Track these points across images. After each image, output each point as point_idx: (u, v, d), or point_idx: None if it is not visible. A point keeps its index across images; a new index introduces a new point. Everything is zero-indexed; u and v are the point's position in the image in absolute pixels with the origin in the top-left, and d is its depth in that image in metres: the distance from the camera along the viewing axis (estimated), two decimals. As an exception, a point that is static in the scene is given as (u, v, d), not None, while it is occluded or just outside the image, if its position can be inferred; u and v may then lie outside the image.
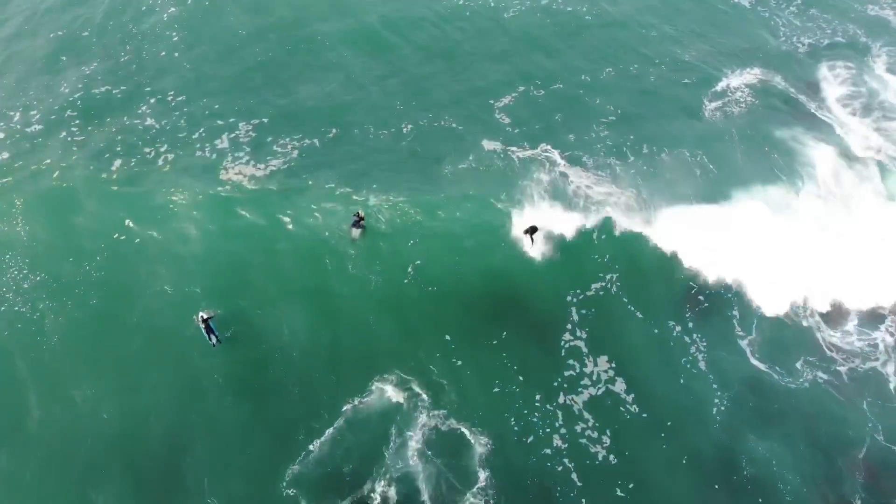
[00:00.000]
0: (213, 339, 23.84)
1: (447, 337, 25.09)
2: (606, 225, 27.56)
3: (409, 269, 26.48)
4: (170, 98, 33.39)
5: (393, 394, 23.44)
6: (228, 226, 27.47)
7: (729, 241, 27.23)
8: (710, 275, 26.65)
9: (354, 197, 28.62)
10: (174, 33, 37.00)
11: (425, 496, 21.57)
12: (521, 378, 24.22)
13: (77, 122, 31.94)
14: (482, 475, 22.01)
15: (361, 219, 26.96)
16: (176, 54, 35.79)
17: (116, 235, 26.95)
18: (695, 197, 29.51)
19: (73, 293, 25.45)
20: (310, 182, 29.21)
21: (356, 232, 27.02)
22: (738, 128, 33.40)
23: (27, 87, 34.23)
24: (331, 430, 22.70)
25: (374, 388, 23.59)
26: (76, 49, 36.30)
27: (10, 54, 36.46)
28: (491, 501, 21.51)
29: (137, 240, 26.85)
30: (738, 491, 22.24)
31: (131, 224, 27.26)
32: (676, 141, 32.41)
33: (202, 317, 23.75)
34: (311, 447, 22.43)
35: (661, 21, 39.72)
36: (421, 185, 29.60)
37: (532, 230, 26.68)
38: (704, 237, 27.30)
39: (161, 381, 23.64)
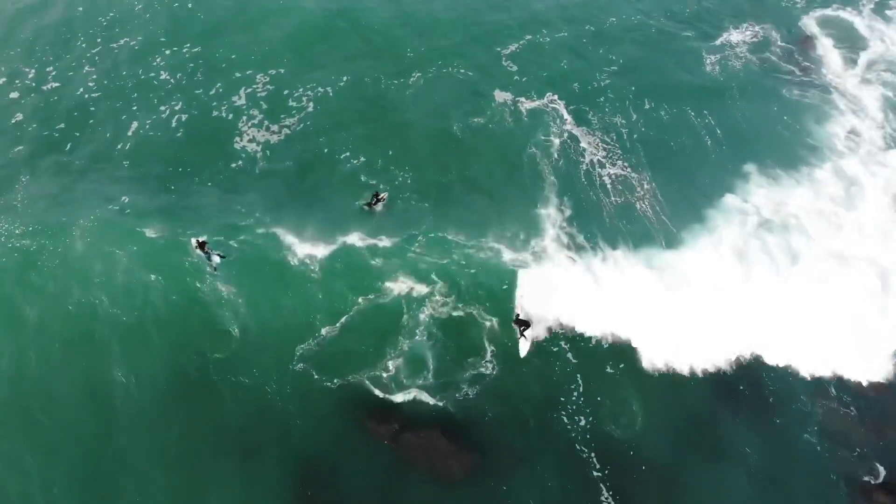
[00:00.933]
0: (216, 259, 24.06)
1: (459, 239, 25.96)
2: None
3: (420, 230, 26.42)
4: (185, 51, 32.53)
5: (404, 289, 24.30)
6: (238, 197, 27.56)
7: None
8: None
9: (362, 158, 28.62)
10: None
11: (431, 368, 22.86)
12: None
13: (94, 77, 31.12)
14: (489, 350, 23.47)
15: (381, 199, 26.65)
16: (189, 5, 35.02)
17: (111, 207, 26.58)
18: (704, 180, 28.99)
19: (72, 235, 25.46)
20: (325, 150, 28.81)
21: (376, 208, 26.77)
22: (738, 84, 32.77)
23: (43, 43, 33.13)
24: (343, 319, 23.61)
25: (385, 288, 24.31)
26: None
27: (24, 9, 35.26)
28: (495, 371, 23.09)
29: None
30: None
31: (128, 200, 26.95)
32: (678, 96, 32.00)
33: (198, 241, 24.08)
34: (322, 332, 23.41)
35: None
36: (428, 166, 28.84)
37: (524, 326, 23.48)
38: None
39: (161, 295, 24.17)
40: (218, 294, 24.06)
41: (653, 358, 23.49)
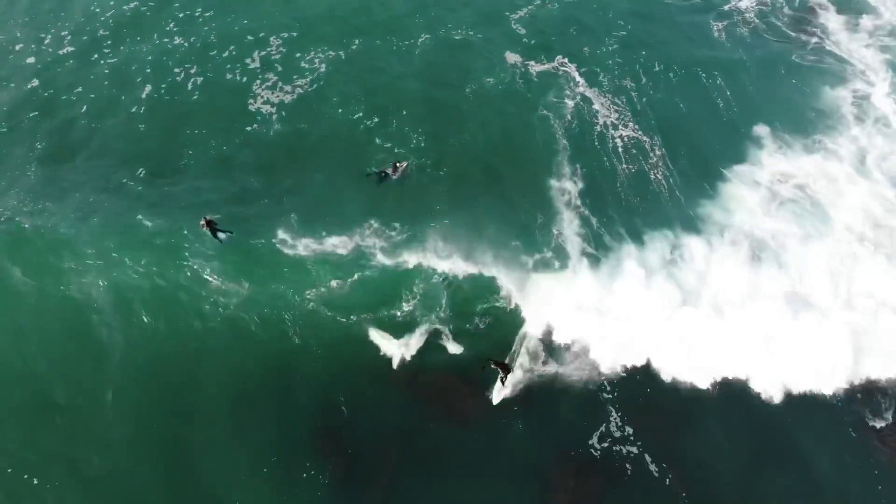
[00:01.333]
0: (222, 236, 24.09)
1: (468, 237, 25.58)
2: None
3: (433, 212, 26.11)
4: (197, 14, 32.53)
5: (415, 262, 24.33)
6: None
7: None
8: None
9: (376, 119, 28.72)
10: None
11: (446, 306, 23.23)
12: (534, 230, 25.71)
13: (108, 42, 31.06)
14: (502, 288, 23.83)
15: (400, 169, 26.35)
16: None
17: (125, 180, 26.34)
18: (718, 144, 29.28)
19: (79, 209, 25.34)
20: (339, 110, 28.92)
21: (393, 177, 26.51)
22: (745, 49, 32.99)
23: (59, 8, 32.90)
24: (356, 275, 23.72)
25: (396, 258, 24.33)
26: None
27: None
28: (509, 307, 23.52)
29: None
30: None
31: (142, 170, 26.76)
32: (687, 60, 32.24)
33: (206, 218, 23.98)
34: (332, 284, 23.55)
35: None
36: (441, 128, 28.83)
37: (505, 370, 21.58)
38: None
39: (164, 272, 23.98)
40: (225, 265, 24.17)
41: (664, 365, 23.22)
